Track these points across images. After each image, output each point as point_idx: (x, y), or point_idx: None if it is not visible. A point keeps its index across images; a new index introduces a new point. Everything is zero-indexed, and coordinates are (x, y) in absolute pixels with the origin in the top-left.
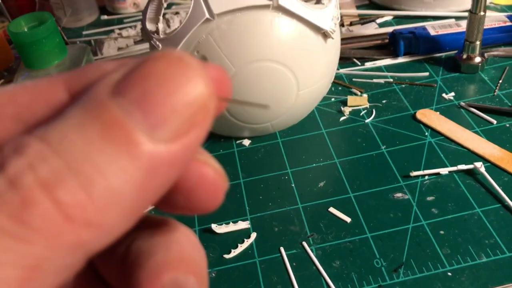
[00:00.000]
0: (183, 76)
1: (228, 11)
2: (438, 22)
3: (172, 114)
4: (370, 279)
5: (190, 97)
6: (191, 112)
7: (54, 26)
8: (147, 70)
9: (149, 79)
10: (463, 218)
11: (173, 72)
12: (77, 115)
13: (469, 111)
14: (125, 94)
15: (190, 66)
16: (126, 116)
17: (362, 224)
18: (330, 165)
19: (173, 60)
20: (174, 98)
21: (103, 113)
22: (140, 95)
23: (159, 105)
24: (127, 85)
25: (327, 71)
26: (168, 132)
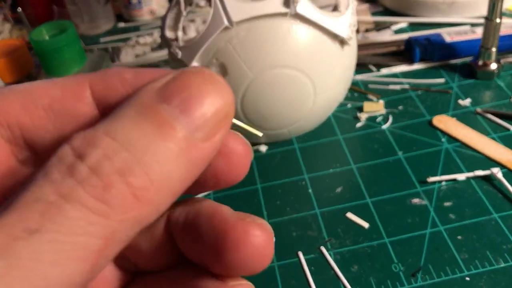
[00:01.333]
0: (215, 91)
1: (246, 19)
2: (454, 29)
3: (206, 120)
4: (388, 283)
5: (217, 108)
6: (218, 119)
7: (75, 34)
8: (186, 83)
9: (188, 89)
10: (481, 223)
11: (207, 87)
12: (132, 115)
13: (486, 117)
14: (169, 101)
15: (219, 82)
16: (173, 118)
17: (380, 229)
18: (347, 170)
19: (206, 76)
20: (207, 108)
21: (154, 115)
22: (181, 103)
23: (197, 112)
24: (170, 93)
25: (344, 77)
26: (202, 133)
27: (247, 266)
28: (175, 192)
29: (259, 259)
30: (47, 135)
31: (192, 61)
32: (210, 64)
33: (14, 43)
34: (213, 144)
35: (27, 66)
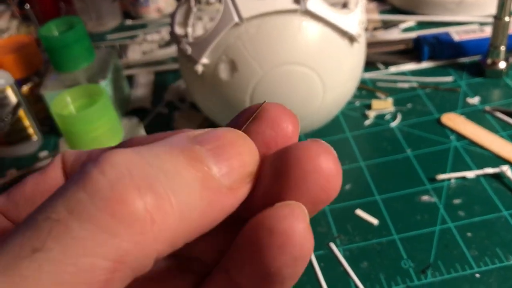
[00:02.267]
0: (244, 146)
1: (257, 15)
2: (462, 28)
3: (234, 170)
4: (398, 279)
5: (246, 162)
6: (244, 174)
7: (84, 31)
8: (220, 134)
9: (221, 139)
10: (490, 221)
11: (238, 141)
12: (166, 146)
13: (494, 116)
14: (203, 144)
15: (250, 142)
16: (204, 158)
17: (389, 226)
18: (355, 168)
19: (239, 133)
20: (236, 160)
21: (186, 150)
22: (215, 148)
23: (227, 160)
24: (203, 139)
25: (353, 75)
26: (229, 182)
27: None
28: (193, 227)
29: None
30: None
31: (202, 57)
32: (220, 61)
33: (23, 39)
34: (236, 197)
35: (36, 63)
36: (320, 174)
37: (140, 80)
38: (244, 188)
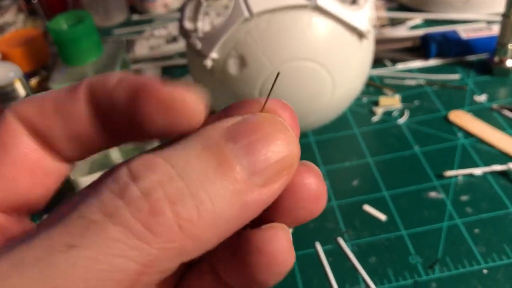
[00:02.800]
0: (283, 139)
1: (267, 10)
2: (469, 26)
3: (268, 166)
4: (406, 275)
5: (282, 156)
6: (281, 168)
7: (93, 25)
8: (256, 126)
9: (256, 133)
10: (498, 217)
11: (276, 134)
12: (197, 148)
13: (502, 114)
14: (236, 141)
15: (289, 132)
16: (236, 160)
17: (397, 222)
18: (363, 164)
19: (278, 123)
20: (273, 154)
21: (219, 153)
22: (248, 145)
23: (261, 157)
24: (238, 133)
25: (361, 71)
26: (262, 179)
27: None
28: (222, 232)
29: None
30: (58, 133)
31: (211, 52)
32: (229, 56)
33: (30, 33)
34: (271, 191)
35: (43, 56)
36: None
37: (147, 75)
38: (280, 181)
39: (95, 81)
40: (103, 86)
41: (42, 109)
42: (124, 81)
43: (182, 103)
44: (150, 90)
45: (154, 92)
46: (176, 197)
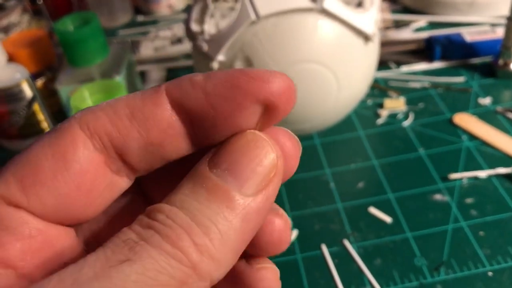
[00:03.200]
0: (257, 147)
1: (273, 13)
2: (474, 28)
3: (253, 175)
4: (411, 277)
5: (263, 161)
6: (266, 172)
7: (99, 26)
8: (231, 147)
9: (234, 152)
10: (503, 220)
11: (250, 145)
12: (189, 186)
13: (506, 117)
14: (219, 166)
15: (261, 139)
16: (222, 181)
17: (402, 224)
18: (368, 166)
19: (249, 136)
20: (253, 164)
21: (206, 181)
22: (229, 165)
23: (244, 170)
24: (218, 160)
25: (367, 73)
26: (252, 188)
27: (272, 249)
28: (236, 248)
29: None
30: (133, 143)
31: (218, 54)
32: (236, 58)
33: (35, 34)
34: (266, 195)
35: (49, 57)
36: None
37: (152, 76)
38: (271, 184)
39: (175, 83)
40: (191, 85)
41: (117, 116)
42: (212, 76)
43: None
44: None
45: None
46: (187, 227)
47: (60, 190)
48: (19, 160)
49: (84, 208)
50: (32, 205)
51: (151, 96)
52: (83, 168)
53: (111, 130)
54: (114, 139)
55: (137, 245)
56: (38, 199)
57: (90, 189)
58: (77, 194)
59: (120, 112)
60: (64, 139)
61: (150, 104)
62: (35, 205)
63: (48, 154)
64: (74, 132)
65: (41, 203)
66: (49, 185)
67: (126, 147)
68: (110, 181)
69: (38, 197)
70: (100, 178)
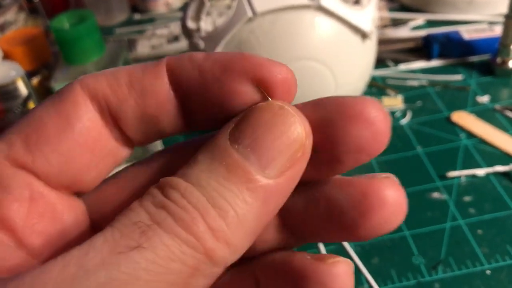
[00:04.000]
0: (285, 123)
1: (270, 10)
2: (472, 26)
3: (278, 155)
4: (409, 275)
5: (291, 140)
6: (293, 152)
7: (95, 24)
8: (255, 121)
9: (258, 127)
10: (501, 218)
11: (276, 121)
12: (206, 161)
13: (504, 115)
14: (241, 141)
15: (289, 114)
16: (244, 159)
17: None
18: (365, 164)
19: (275, 109)
20: (278, 142)
21: (226, 158)
22: (252, 142)
23: (268, 149)
24: (240, 134)
25: (364, 71)
26: (276, 169)
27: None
28: (253, 231)
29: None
30: (129, 110)
31: (214, 51)
32: None
33: (31, 32)
34: (288, 178)
35: (45, 55)
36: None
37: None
38: (295, 165)
39: (176, 58)
40: (190, 62)
41: (116, 82)
42: (212, 56)
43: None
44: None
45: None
46: (203, 210)
47: (64, 148)
48: (23, 121)
49: (88, 170)
50: (37, 164)
51: (152, 68)
52: (85, 126)
53: (109, 94)
54: (111, 103)
55: (149, 230)
56: (43, 156)
57: (93, 148)
58: (80, 153)
59: (120, 79)
60: (66, 99)
61: (150, 76)
62: (39, 163)
63: (51, 113)
64: (75, 92)
65: (46, 160)
66: (53, 143)
67: (122, 114)
68: (112, 146)
69: (42, 155)
70: (103, 140)
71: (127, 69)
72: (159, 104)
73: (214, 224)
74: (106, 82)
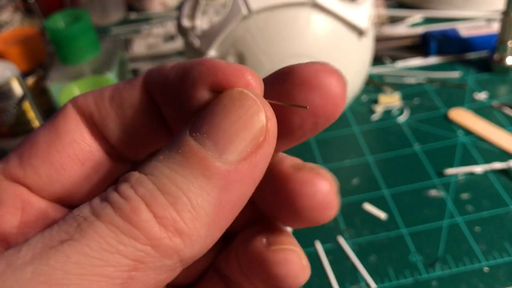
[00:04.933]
0: (242, 106)
1: (265, 8)
2: (469, 23)
3: (236, 139)
4: (406, 273)
5: (250, 123)
6: (253, 135)
7: (90, 23)
8: (214, 107)
9: (216, 114)
10: (498, 215)
11: (234, 104)
12: (165, 152)
13: (502, 111)
14: (198, 129)
15: (247, 97)
16: (200, 146)
17: (397, 220)
18: (362, 162)
19: (234, 94)
20: (236, 126)
21: (182, 146)
22: (209, 128)
23: (225, 133)
24: (199, 122)
25: (361, 69)
26: (235, 154)
27: (315, 216)
28: (217, 221)
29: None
30: (111, 123)
31: (210, 50)
32: (228, 53)
33: (27, 32)
34: (252, 164)
35: (40, 55)
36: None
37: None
38: (261, 150)
39: (151, 70)
40: (159, 72)
41: (100, 97)
42: (177, 65)
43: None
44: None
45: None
46: (149, 197)
47: (53, 159)
48: (23, 141)
49: (79, 182)
50: (28, 176)
51: (133, 80)
52: (73, 139)
53: (94, 109)
54: (94, 116)
55: (85, 222)
56: (33, 169)
57: (83, 161)
58: (70, 164)
59: (104, 94)
60: (57, 116)
61: (129, 87)
62: (30, 175)
63: (43, 129)
64: (66, 110)
65: (35, 173)
66: (43, 155)
67: (105, 126)
68: (103, 160)
69: (32, 168)
70: (93, 152)
71: (113, 85)
72: (136, 113)
73: (161, 212)
74: (92, 97)
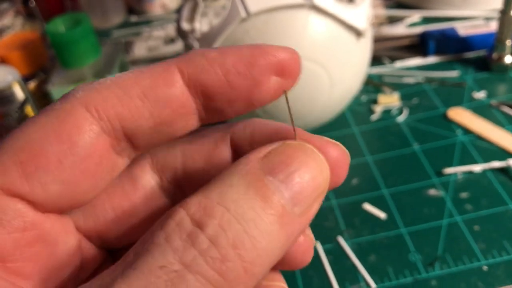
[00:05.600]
0: (316, 168)
1: (264, 10)
2: (467, 22)
3: (307, 196)
4: (406, 272)
5: (317, 183)
6: (317, 194)
7: (90, 27)
8: (289, 158)
9: (291, 164)
10: (497, 214)
11: (309, 163)
12: (242, 185)
13: (501, 110)
14: (275, 174)
15: (319, 159)
16: (278, 194)
17: (397, 220)
18: (362, 162)
19: (308, 151)
20: (308, 183)
21: (261, 188)
22: (285, 178)
23: (299, 188)
24: (275, 165)
25: (359, 69)
26: (302, 208)
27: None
28: (272, 263)
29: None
30: (144, 123)
31: None
32: None
33: (28, 36)
34: (308, 217)
35: (42, 59)
36: None
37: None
38: (315, 206)
39: (188, 61)
40: (206, 61)
41: (127, 96)
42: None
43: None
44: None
45: None
46: (238, 241)
47: (65, 177)
48: (17, 143)
49: (86, 193)
50: (35, 193)
51: (163, 75)
52: (88, 152)
53: (122, 111)
54: (124, 120)
55: (175, 277)
56: (41, 186)
57: (94, 173)
58: (81, 180)
59: (131, 92)
60: (68, 122)
61: (162, 84)
62: (37, 192)
63: (51, 138)
64: (79, 114)
65: (44, 191)
66: (54, 172)
67: (137, 128)
68: (113, 163)
69: (41, 185)
70: (105, 162)
71: (134, 79)
72: (174, 110)
73: (247, 255)
74: (116, 98)
